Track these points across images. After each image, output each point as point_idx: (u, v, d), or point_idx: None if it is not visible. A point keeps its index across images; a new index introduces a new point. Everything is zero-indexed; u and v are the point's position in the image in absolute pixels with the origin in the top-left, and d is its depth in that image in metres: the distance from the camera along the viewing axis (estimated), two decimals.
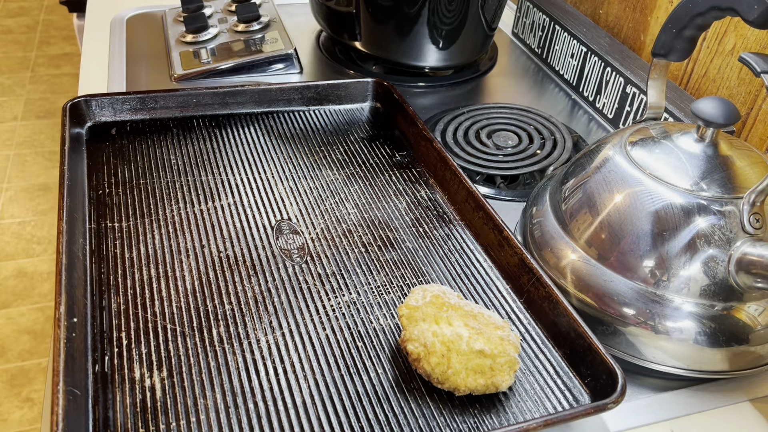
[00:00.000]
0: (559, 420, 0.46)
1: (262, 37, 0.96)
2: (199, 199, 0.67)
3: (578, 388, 0.51)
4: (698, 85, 0.80)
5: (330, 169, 0.73)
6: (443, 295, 0.53)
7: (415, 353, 0.49)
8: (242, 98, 0.80)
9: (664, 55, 0.59)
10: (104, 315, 0.54)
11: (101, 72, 0.92)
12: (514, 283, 0.59)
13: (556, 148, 0.82)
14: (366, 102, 0.85)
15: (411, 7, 0.87)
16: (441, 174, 0.72)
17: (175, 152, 0.73)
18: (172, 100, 0.78)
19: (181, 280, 0.57)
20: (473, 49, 0.96)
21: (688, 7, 0.55)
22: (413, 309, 0.52)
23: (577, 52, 0.92)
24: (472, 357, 0.48)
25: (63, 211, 0.59)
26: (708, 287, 0.52)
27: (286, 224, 0.65)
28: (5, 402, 1.55)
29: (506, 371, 0.49)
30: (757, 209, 0.51)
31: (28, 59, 2.87)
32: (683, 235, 0.52)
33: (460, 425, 0.48)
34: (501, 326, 0.51)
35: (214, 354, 0.51)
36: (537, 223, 0.62)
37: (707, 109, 0.54)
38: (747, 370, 0.54)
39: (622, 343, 0.55)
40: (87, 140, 0.73)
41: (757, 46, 0.72)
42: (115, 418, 0.46)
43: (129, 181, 0.68)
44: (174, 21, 1.01)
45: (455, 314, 0.51)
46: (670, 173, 0.54)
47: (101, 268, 0.58)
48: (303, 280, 0.59)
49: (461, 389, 0.48)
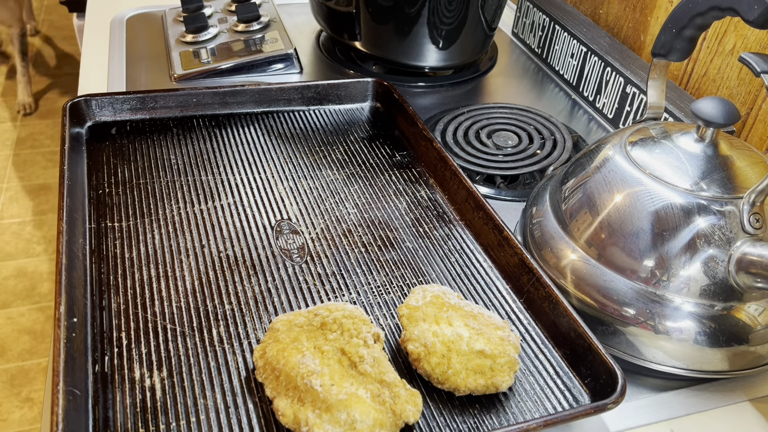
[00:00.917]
0: (559, 420, 0.46)
1: (262, 37, 0.96)
2: (199, 199, 0.67)
3: (578, 388, 0.51)
4: (698, 85, 0.80)
5: (330, 168, 0.73)
6: (443, 296, 0.53)
7: (416, 353, 0.49)
8: (242, 98, 0.80)
9: (664, 55, 0.59)
10: (104, 315, 0.54)
11: (101, 72, 0.92)
12: (514, 283, 0.59)
13: (556, 148, 0.82)
14: (366, 102, 0.85)
15: (411, 7, 0.87)
16: (441, 174, 0.72)
17: (175, 152, 0.73)
18: (172, 99, 0.78)
19: (181, 280, 0.57)
20: (473, 49, 0.96)
21: (688, 7, 0.55)
22: (413, 309, 0.52)
23: (577, 52, 0.92)
24: (472, 357, 0.48)
25: (63, 211, 0.59)
26: (708, 287, 0.52)
27: (286, 224, 0.65)
28: (5, 402, 1.55)
29: (506, 372, 0.49)
30: (757, 209, 0.51)
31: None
32: (683, 235, 0.52)
33: (460, 425, 0.48)
34: (501, 327, 0.51)
35: (214, 354, 0.51)
36: (537, 223, 0.62)
37: (707, 109, 0.54)
38: (747, 370, 0.54)
39: (622, 343, 0.55)
40: (87, 140, 0.73)
41: (757, 46, 0.72)
42: (115, 418, 0.46)
43: (129, 180, 0.68)
44: (174, 21, 1.01)
45: (455, 314, 0.51)
46: (670, 173, 0.54)
47: (101, 268, 0.58)
48: (303, 280, 0.59)
49: (461, 389, 0.48)
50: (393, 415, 0.45)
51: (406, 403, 0.45)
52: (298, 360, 0.46)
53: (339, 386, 0.44)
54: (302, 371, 0.45)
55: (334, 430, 0.43)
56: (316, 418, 0.44)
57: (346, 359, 0.47)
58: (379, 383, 0.46)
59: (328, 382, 0.45)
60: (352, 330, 0.49)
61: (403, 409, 0.45)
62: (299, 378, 0.45)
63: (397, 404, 0.45)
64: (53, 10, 3.28)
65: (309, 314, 0.51)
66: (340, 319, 0.49)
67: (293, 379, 0.45)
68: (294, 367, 0.46)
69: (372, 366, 0.46)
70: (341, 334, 0.48)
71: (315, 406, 0.44)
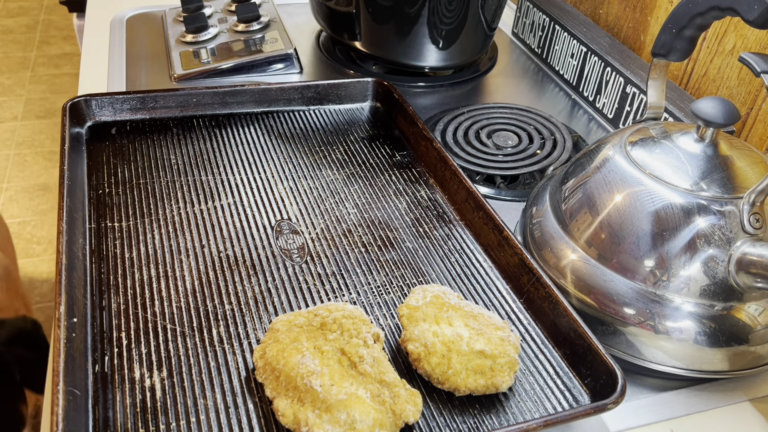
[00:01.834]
0: (558, 420, 0.46)
1: (262, 37, 0.96)
2: (199, 199, 0.67)
3: (578, 389, 0.51)
4: (698, 85, 0.80)
5: (330, 168, 0.73)
6: (443, 296, 0.53)
7: (416, 353, 0.49)
8: (242, 98, 0.80)
9: (664, 55, 0.59)
10: (104, 315, 0.54)
11: (101, 72, 0.92)
12: (514, 283, 0.59)
13: (556, 148, 0.82)
14: (366, 102, 0.85)
15: (411, 7, 0.87)
16: (441, 174, 0.72)
17: (175, 152, 0.73)
18: (172, 99, 0.78)
19: (181, 280, 0.57)
20: (473, 49, 0.96)
21: (688, 7, 0.55)
22: (414, 309, 0.52)
23: (577, 52, 0.92)
24: (472, 357, 0.48)
25: (63, 211, 0.59)
26: (708, 287, 0.52)
27: (286, 224, 0.65)
28: None
29: (506, 372, 0.49)
30: (757, 209, 0.51)
31: (28, 59, 2.87)
32: (683, 235, 0.52)
33: (459, 425, 0.48)
34: (501, 327, 0.51)
35: (214, 354, 0.51)
36: (537, 223, 0.62)
37: (707, 109, 0.54)
38: (747, 370, 0.54)
39: (622, 343, 0.55)
40: (87, 140, 0.73)
41: (757, 46, 0.72)
42: (115, 418, 0.46)
43: (129, 180, 0.68)
44: (174, 21, 1.01)
45: (456, 314, 0.51)
46: (670, 173, 0.54)
47: (101, 268, 0.58)
48: (303, 280, 0.59)
49: (461, 389, 0.48)
50: (393, 415, 0.45)
51: (406, 403, 0.45)
52: (298, 360, 0.46)
53: (339, 386, 0.44)
54: (302, 371, 0.45)
55: (334, 430, 0.43)
56: (316, 418, 0.44)
57: (346, 359, 0.47)
58: (378, 383, 0.46)
59: (328, 382, 0.45)
60: (351, 330, 0.49)
61: (403, 409, 0.45)
62: (299, 378, 0.45)
63: (397, 404, 0.45)
64: (53, 10, 3.28)
65: (309, 314, 0.51)
66: (339, 319, 0.49)
67: (293, 379, 0.45)
68: (294, 367, 0.46)
69: (372, 366, 0.46)
70: (341, 335, 0.48)
71: (315, 406, 0.44)
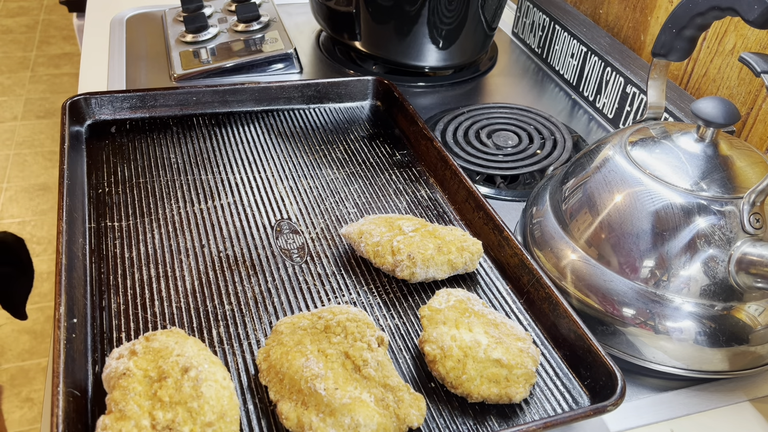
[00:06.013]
0: (558, 422, 0.46)
1: (262, 36, 0.95)
2: (199, 198, 0.67)
3: (578, 390, 0.51)
4: (698, 85, 0.80)
5: (330, 168, 0.73)
6: (467, 301, 0.53)
7: (432, 355, 0.49)
8: (242, 96, 0.80)
9: (664, 55, 0.59)
10: (104, 315, 0.54)
11: (101, 72, 0.92)
12: (514, 284, 0.59)
13: (556, 148, 0.82)
14: (366, 100, 0.85)
15: (411, 7, 0.87)
16: (441, 173, 0.72)
17: (175, 151, 0.73)
18: (172, 98, 0.78)
19: (181, 280, 0.57)
20: (473, 49, 0.96)
21: (688, 7, 0.55)
22: (435, 311, 0.51)
23: (577, 52, 0.92)
24: (488, 365, 0.48)
25: (63, 211, 0.58)
26: (708, 287, 0.52)
27: (286, 224, 0.65)
28: (5, 402, 1.55)
29: (522, 383, 0.48)
30: (757, 209, 0.51)
31: (28, 59, 2.87)
32: (683, 235, 0.52)
33: (459, 427, 0.48)
34: (522, 338, 0.50)
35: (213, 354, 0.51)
36: (537, 223, 0.62)
37: (707, 109, 0.54)
38: (747, 370, 0.54)
39: (622, 343, 0.54)
40: (87, 138, 0.73)
41: (757, 46, 0.72)
42: None
43: (129, 180, 0.68)
44: (174, 21, 1.01)
45: (477, 321, 0.51)
46: (670, 173, 0.54)
47: (101, 268, 0.58)
48: (303, 280, 0.59)
49: (474, 396, 0.48)
50: (397, 419, 0.45)
51: (409, 408, 0.45)
52: (301, 363, 0.46)
53: (343, 390, 0.44)
54: (306, 375, 0.45)
55: None
56: (319, 422, 0.43)
57: (350, 363, 0.47)
58: (382, 387, 0.46)
59: (332, 385, 0.44)
60: (356, 333, 0.48)
61: (407, 413, 0.45)
62: (303, 381, 0.45)
63: (400, 408, 0.45)
64: (53, 10, 3.28)
65: (313, 317, 0.50)
66: (344, 322, 0.49)
67: (297, 382, 0.45)
68: (298, 370, 0.46)
69: (376, 370, 0.46)
70: (345, 338, 0.48)
71: (318, 409, 0.44)
